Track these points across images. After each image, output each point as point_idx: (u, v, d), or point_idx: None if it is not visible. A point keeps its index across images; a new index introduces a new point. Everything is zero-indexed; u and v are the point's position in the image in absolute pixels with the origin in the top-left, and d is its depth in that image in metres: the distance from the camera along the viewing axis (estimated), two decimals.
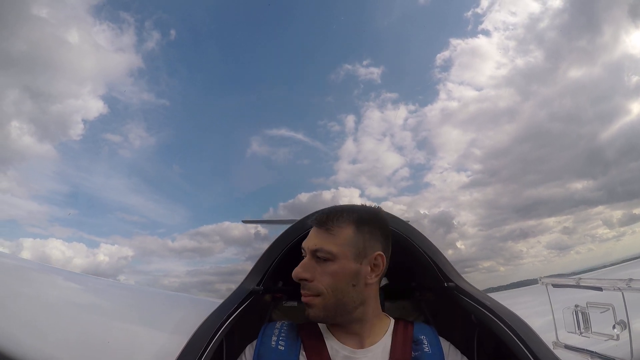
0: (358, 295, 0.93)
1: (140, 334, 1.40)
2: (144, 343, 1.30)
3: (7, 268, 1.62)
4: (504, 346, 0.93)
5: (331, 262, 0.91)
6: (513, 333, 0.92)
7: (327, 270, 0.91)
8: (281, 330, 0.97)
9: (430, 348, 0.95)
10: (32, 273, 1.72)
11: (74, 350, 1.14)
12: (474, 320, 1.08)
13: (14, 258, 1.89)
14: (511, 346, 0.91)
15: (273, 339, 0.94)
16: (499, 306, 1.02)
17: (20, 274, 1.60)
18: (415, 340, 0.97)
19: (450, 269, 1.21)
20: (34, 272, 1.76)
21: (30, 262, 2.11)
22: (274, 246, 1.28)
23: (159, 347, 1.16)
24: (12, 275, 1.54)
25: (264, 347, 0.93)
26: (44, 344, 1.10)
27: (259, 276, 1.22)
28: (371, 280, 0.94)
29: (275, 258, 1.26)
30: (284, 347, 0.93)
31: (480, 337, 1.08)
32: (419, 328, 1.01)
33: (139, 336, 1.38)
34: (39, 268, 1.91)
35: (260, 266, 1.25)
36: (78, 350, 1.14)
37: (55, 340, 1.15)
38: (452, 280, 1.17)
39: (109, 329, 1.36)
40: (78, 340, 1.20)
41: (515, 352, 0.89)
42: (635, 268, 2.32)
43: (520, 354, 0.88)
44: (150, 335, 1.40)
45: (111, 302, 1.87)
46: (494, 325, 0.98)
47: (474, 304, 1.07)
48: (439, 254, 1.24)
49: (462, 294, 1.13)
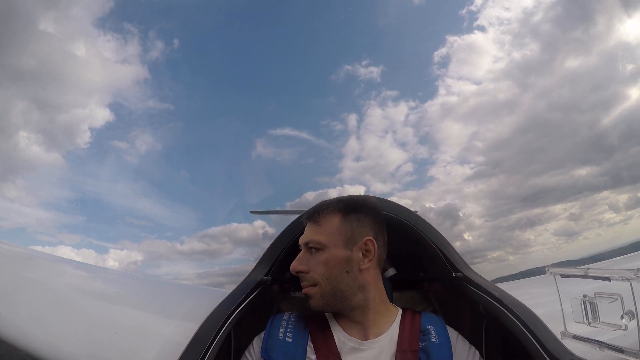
0: (353, 281, 0.95)
1: (149, 324, 1.42)
2: (152, 333, 1.31)
3: (13, 257, 1.64)
4: (512, 336, 0.93)
5: (322, 251, 0.95)
6: (521, 323, 0.92)
7: (319, 260, 0.95)
8: (289, 322, 0.98)
9: (438, 338, 0.96)
10: (38, 262, 1.74)
11: (81, 340, 1.15)
12: (482, 311, 1.08)
13: (19, 247, 1.91)
14: (519, 336, 0.91)
15: (281, 331, 0.95)
16: (507, 296, 1.02)
17: (25, 263, 1.62)
18: (422, 330, 0.98)
19: (458, 259, 1.21)
20: (39, 261, 1.78)
21: (35, 251, 2.13)
22: (281, 237, 1.29)
23: (167, 337, 1.17)
24: (16, 265, 1.56)
25: (272, 339, 0.94)
26: (50, 334, 1.12)
27: (267, 266, 1.23)
28: (365, 265, 0.96)
29: (283, 248, 1.26)
30: (292, 338, 0.94)
31: (488, 328, 1.08)
32: (427, 318, 1.02)
33: (147, 326, 1.39)
34: (43, 257, 1.93)
35: (268, 256, 1.26)
36: (86, 340, 1.16)
37: (62, 330, 1.16)
38: (460, 270, 1.17)
39: (117, 319, 1.38)
40: (86, 331, 1.22)
41: (524, 343, 0.89)
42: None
43: (528, 344, 0.88)
44: (158, 325, 1.41)
45: (119, 292, 1.89)
46: (502, 315, 0.98)
47: (482, 294, 1.07)
48: (447, 244, 1.24)
49: (470, 284, 1.13)
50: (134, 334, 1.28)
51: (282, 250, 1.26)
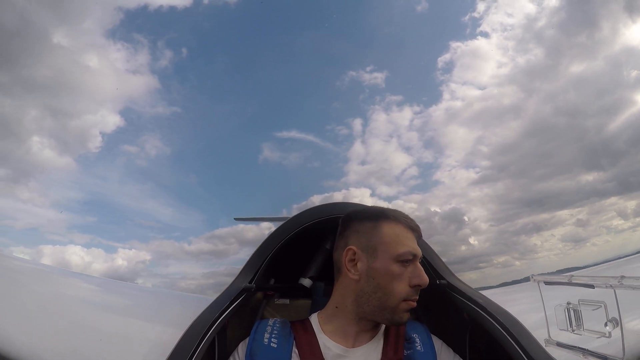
0: None
1: (133, 331, 1.40)
2: (137, 339, 1.30)
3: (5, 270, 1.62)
4: (495, 344, 0.93)
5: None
6: (505, 330, 0.91)
7: None
8: (274, 328, 0.96)
9: (423, 346, 0.95)
10: (20, 269, 1.71)
11: (65, 347, 1.13)
12: (466, 318, 1.08)
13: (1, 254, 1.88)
14: (503, 344, 0.90)
15: (265, 336, 0.94)
16: (491, 304, 1.02)
17: (7, 270, 1.59)
18: (407, 338, 0.97)
19: (442, 267, 1.21)
20: (21, 268, 1.75)
21: (17, 258, 2.10)
22: (265, 244, 1.27)
23: (151, 344, 1.15)
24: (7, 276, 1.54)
25: (256, 345, 0.92)
26: (33, 341, 1.10)
27: (251, 274, 1.21)
28: None
29: (267, 256, 1.25)
30: (277, 344, 0.92)
31: (472, 335, 1.07)
32: (411, 326, 1.01)
33: (131, 332, 1.37)
34: (25, 264, 1.90)
35: (252, 264, 1.24)
36: (70, 347, 1.14)
37: (45, 337, 1.14)
38: (444, 277, 1.17)
39: (102, 326, 1.36)
40: (70, 337, 1.19)
41: (508, 350, 0.88)
42: (632, 264, 2.34)
43: (512, 351, 0.87)
44: (142, 332, 1.39)
45: (103, 299, 1.87)
46: (486, 322, 0.97)
47: (466, 301, 1.06)
48: (431, 251, 1.23)
49: (454, 292, 1.12)
50: (119, 341, 1.27)
51: (267, 258, 1.24)
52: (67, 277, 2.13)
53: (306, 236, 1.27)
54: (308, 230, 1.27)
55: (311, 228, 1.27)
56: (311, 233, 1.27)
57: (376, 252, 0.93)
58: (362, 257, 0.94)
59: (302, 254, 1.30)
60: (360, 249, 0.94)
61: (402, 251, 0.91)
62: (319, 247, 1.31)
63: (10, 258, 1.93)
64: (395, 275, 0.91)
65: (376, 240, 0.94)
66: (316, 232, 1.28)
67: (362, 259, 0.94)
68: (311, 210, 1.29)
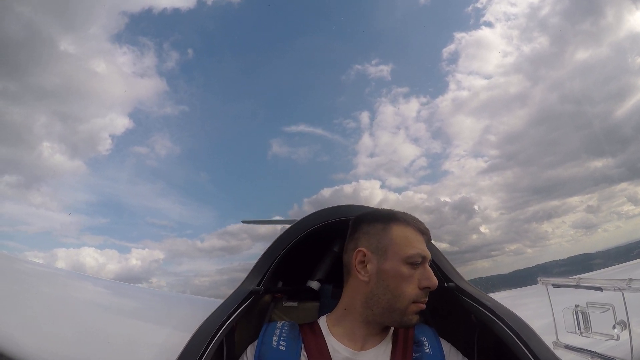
0: None
1: (141, 333, 1.41)
2: (145, 342, 1.30)
3: (4, 266, 1.63)
4: (504, 346, 0.93)
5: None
6: (513, 333, 0.92)
7: None
8: (282, 330, 0.97)
9: (431, 349, 0.96)
10: (29, 271, 1.73)
11: (73, 349, 1.14)
12: (474, 321, 1.08)
13: (11, 256, 1.90)
14: (512, 346, 0.90)
15: (274, 339, 0.94)
16: (499, 306, 1.02)
17: (16, 272, 1.61)
18: (416, 341, 0.97)
19: (450, 269, 1.21)
20: (31, 270, 1.77)
21: (27, 261, 2.12)
22: (274, 246, 1.28)
23: (159, 347, 1.16)
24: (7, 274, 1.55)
25: (265, 347, 0.93)
26: (41, 344, 1.11)
27: (259, 276, 1.21)
28: None
29: (275, 258, 1.25)
30: (285, 347, 0.93)
31: (480, 338, 1.08)
32: (420, 329, 1.01)
33: (140, 335, 1.38)
34: (35, 266, 1.92)
35: (260, 266, 1.25)
36: (78, 350, 1.15)
37: (54, 340, 1.15)
38: (452, 280, 1.17)
39: (110, 328, 1.36)
40: (78, 340, 1.20)
41: (516, 353, 0.89)
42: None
43: (520, 354, 0.88)
44: (151, 335, 1.40)
45: (112, 301, 1.88)
46: (494, 325, 0.97)
47: (474, 304, 1.06)
48: (439, 253, 1.24)
49: (462, 294, 1.12)
50: (127, 344, 1.27)
51: (275, 260, 1.25)
52: (76, 280, 2.14)
53: (314, 239, 1.28)
54: (316, 233, 1.28)
55: (319, 230, 1.27)
56: (319, 235, 1.28)
57: (386, 254, 0.93)
58: (372, 259, 0.94)
59: (310, 256, 1.31)
60: (370, 251, 0.95)
61: (411, 253, 0.92)
62: (327, 250, 1.32)
63: (21, 261, 1.95)
64: (405, 277, 0.91)
65: (386, 242, 0.95)
66: (324, 234, 1.28)
67: (372, 260, 0.94)
68: (318, 212, 1.30)
